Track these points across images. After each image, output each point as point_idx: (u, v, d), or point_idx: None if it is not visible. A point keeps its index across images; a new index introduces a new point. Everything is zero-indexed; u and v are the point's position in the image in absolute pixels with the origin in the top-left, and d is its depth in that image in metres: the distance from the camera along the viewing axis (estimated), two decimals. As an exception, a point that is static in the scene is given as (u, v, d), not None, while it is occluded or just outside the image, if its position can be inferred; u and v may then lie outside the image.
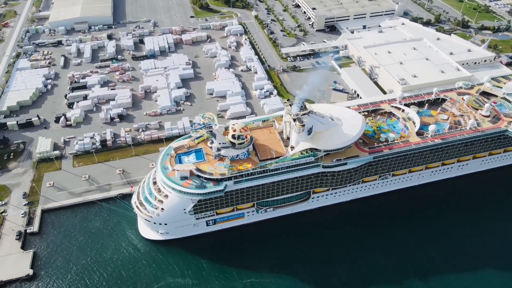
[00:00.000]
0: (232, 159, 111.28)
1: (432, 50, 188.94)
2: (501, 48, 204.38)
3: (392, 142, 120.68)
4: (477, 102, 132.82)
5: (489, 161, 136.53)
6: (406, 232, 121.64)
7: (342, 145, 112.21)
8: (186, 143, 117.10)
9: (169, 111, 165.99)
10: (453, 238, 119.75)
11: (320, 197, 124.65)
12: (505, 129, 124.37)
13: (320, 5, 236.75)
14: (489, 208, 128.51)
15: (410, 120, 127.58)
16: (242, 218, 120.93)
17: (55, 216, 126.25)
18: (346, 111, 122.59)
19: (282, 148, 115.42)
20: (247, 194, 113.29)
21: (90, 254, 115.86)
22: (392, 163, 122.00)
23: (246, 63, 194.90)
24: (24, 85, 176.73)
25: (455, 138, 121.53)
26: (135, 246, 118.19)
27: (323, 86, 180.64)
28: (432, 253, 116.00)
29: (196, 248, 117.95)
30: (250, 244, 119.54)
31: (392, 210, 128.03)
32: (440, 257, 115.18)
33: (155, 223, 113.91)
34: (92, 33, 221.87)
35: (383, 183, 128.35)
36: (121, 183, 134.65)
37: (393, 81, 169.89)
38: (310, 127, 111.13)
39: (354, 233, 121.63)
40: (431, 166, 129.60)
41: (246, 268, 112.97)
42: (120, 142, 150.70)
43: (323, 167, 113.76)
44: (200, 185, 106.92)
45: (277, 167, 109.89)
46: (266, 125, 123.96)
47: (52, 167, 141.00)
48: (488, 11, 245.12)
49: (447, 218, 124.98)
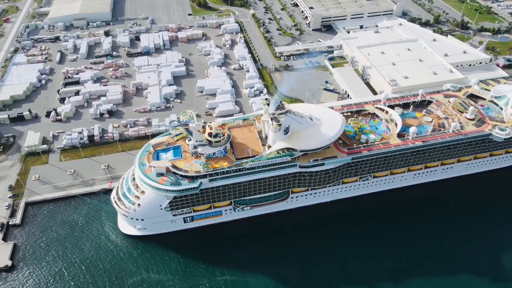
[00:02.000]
0: (208, 157, 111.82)
1: (426, 51, 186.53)
2: (499, 50, 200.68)
3: (372, 143, 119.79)
4: (463, 104, 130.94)
5: (474, 165, 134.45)
6: (383, 234, 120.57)
7: (319, 146, 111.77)
8: (165, 140, 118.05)
9: (158, 108, 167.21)
10: (435, 240, 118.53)
11: (300, 197, 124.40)
12: (488, 133, 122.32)
13: (318, 4, 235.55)
14: (471, 212, 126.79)
15: (392, 121, 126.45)
16: (220, 216, 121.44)
17: (38, 209, 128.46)
18: (327, 111, 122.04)
19: (259, 147, 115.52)
20: (223, 192, 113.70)
21: (69, 247, 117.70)
22: (372, 165, 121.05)
23: (239, 62, 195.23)
24: (19, 80, 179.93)
25: (437, 140, 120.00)
26: (114, 241, 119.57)
27: (314, 85, 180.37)
28: (408, 254, 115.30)
29: (174, 245, 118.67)
30: (228, 242, 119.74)
31: (372, 212, 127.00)
32: (418, 258, 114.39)
33: (132, 219, 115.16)
34: (90, 30, 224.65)
35: (364, 184, 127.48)
36: (105, 178, 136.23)
37: (384, 82, 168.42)
38: (286, 126, 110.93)
39: (333, 234, 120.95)
40: (414, 169, 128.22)
41: (222, 266, 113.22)
42: (107, 137, 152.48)
43: (300, 167, 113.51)
44: (175, 182, 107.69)
45: (253, 166, 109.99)
46: (246, 123, 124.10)
47: (39, 161, 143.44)
48: (490, 12, 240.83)
49: (428, 221, 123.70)
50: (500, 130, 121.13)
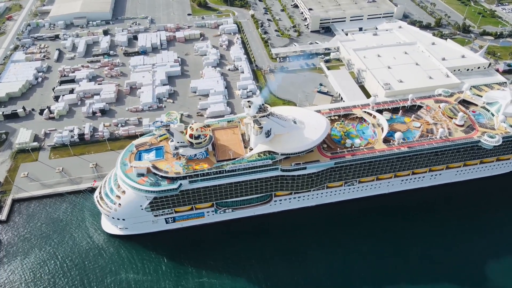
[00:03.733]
0: (190, 158, 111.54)
1: (424, 55, 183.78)
2: (500, 55, 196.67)
3: (356, 148, 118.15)
4: (452, 110, 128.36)
5: (464, 172, 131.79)
6: (365, 241, 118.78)
7: (300, 149, 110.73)
8: (148, 141, 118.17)
9: (150, 108, 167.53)
10: (421, 247, 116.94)
11: (283, 201, 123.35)
12: (477, 140, 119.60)
13: (317, 5, 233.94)
14: (460, 219, 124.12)
15: (379, 126, 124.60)
16: (202, 217, 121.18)
17: (25, 206, 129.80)
18: (312, 114, 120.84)
19: (242, 149, 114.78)
20: (204, 194, 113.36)
21: (52, 244, 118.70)
22: (357, 170, 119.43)
23: (234, 63, 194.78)
24: (15, 77, 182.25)
25: (423, 147, 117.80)
26: (97, 240, 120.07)
27: (309, 88, 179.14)
28: (394, 259, 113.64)
29: (155, 245, 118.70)
30: (209, 244, 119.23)
31: (356, 217, 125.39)
32: (403, 265, 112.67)
33: (114, 218, 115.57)
34: (89, 28, 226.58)
35: (349, 189, 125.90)
36: (92, 177, 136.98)
37: (378, 86, 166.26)
38: (268, 129, 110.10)
39: (317, 238, 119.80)
40: (400, 175, 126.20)
41: (202, 268, 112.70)
42: (98, 136, 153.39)
43: (282, 171, 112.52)
44: (154, 183, 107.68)
45: (234, 168, 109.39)
46: (230, 125, 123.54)
47: (29, 158, 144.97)
48: (494, 15, 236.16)
49: (414, 227, 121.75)
50: (489, 137, 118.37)
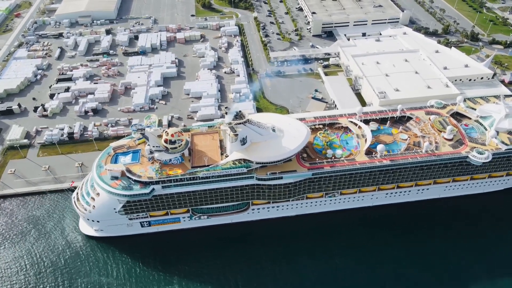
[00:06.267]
0: (165, 163, 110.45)
1: (425, 63, 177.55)
2: (508, 65, 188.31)
3: (337, 159, 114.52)
4: (442, 123, 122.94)
5: (454, 188, 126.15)
6: (344, 251, 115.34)
7: (276, 158, 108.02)
8: (126, 143, 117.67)
9: (142, 109, 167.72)
10: (396, 262, 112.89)
11: (261, 210, 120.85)
12: (465, 155, 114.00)
13: (321, 9, 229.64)
14: (443, 237, 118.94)
15: (364, 137, 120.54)
16: (178, 222, 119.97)
17: (8, 202, 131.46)
18: (293, 123, 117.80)
19: (218, 156, 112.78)
20: (178, 199, 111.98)
21: (29, 241, 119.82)
22: (337, 182, 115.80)
23: (231, 65, 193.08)
24: (15, 74, 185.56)
25: (407, 160, 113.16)
26: (73, 240, 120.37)
27: (304, 93, 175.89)
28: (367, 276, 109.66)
29: (130, 249, 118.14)
30: (185, 249, 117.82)
31: (335, 229, 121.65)
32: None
33: (89, 220, 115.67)
34: (93, 27, 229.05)
35: (331, 201, 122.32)
36: (76, 176, 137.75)
37: (374, 94, 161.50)
38: (244, 137, 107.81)
39: (293, 248, 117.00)
40: (384, 188, 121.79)
41: (174, 274, 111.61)
42: (87, 135, 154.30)
43: (258, 179, 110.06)
44: (127, 187, 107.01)
45: (207, 175, 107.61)
46: (211, 131, 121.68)
47: (18, 155, 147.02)
48: (506, 23, 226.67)
49: (392, 242, 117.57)
50: (478, 153, 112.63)
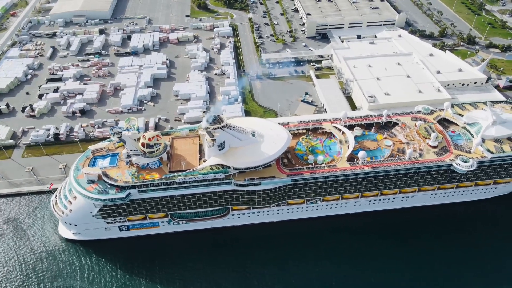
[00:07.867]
0: (143, 167, 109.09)
1: (418, 67, 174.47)
2: (504, 70, 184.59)
3: (318, 165, 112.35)
4: (427, 130, 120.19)
5: (439, 196, 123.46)
6: (326, 258, 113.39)
7: (254, 164, 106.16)
8: (105, 146, 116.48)
9: (129, 110, 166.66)
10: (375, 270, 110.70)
11: (242, 215, 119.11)
12: (449, 163, 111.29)
13: (317, 10, 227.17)
14: (428, 245, 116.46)
15: (346, 143, 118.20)
16: (157, 227, 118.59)
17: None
18: (274, 127, 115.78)
19: (196, 160, 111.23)
20: (156, 204, 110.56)
21: (8, 243, 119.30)
22: (318, 188, 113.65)
23: (222, 67, 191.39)
24: (5, 74, 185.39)
25: (389, 168, 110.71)
26: (52, 242, 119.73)
27: (294, 96, 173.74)
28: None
29: (109, 252, 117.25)
30: (163, 254, 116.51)
31: (314, 236, 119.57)
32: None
33: (66, 223, 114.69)
34: (87, 27, 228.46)
35: (312, 207, 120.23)
36: (58, 178, 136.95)
37: (363, 97, 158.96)
38: (221, 141, 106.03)
39: (272, 253, 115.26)
40: (367, 195, 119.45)
41: (155, 278, 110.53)
42: (73, 136, 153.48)
43: (236, 185, 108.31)
44: (103, 191, 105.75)
45: (184, 180, 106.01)
46: (191, 135, 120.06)
47: (3, 156, 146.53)
48: (505, 26, 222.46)
49: (371, 250, 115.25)
50: (462, 161, 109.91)
